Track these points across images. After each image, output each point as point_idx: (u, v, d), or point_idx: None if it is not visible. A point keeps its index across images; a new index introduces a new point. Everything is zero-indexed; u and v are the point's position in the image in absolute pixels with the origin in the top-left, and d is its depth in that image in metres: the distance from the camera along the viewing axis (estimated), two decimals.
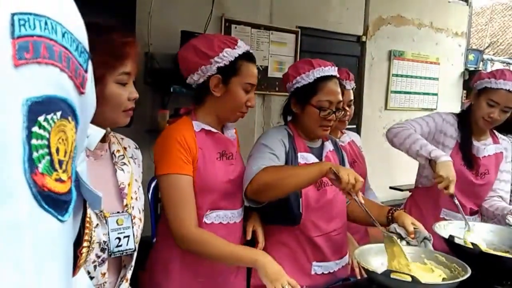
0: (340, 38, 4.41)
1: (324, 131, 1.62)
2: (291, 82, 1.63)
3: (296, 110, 1.64)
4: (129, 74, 1.09)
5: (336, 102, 1.60)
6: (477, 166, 2.02)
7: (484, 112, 1.95)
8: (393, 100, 5.07)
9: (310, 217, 1.56)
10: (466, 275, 1.27)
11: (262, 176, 1.43)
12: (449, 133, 2.06)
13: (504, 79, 1.91)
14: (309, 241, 1.58)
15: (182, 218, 1.35)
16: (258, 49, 3.65)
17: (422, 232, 1.51)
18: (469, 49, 5.85)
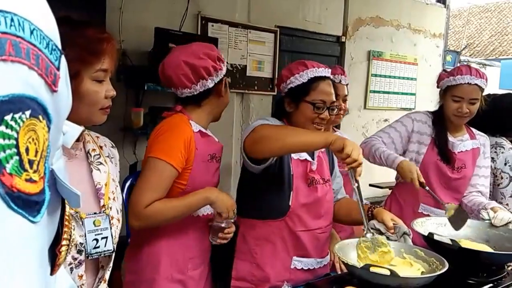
0: (320, 38, 4.42)
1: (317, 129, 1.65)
2: (285, 82, 1.66)
3: (290, 109, 1.67)
4: (105, 71, 1.07)
5: (330, 102, 1.63)
6: (453, 161, 2.07)
7: (453, 108, 2.04)
8: (372, 100, 5.11)
9: (297, 211, 1.59)
10: (443, 268, 1.30)
11: (264, 127, 1.49)
12: (423, 131, 2.12)
13: (461, 75, 2.01)
14: (292, 235, 1.61)
15: (142, 197, 1.36)
16: (236, 47, 3.62)
17: (401, 228, 1.53)
18: (446, 50, 5.94)
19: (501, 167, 2.37)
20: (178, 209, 1.41)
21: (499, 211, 1.75)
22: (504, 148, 2.41)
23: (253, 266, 1.63)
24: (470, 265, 1.49)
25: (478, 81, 2.00)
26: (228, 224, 1.49)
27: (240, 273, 1.64)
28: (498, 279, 1.48)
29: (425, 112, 2.19)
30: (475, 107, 2.03)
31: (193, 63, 1.45)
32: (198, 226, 1.53)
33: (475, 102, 2.02)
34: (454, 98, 2.04)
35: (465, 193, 2.13)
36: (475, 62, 11.74)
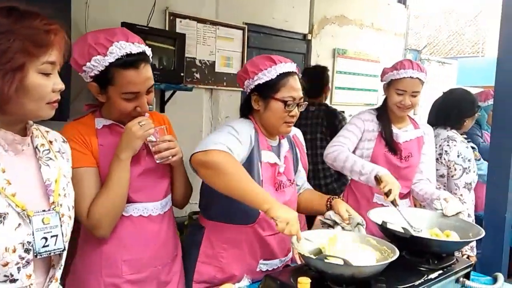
0: (287, 35, 4.50)
1: (287, 127, 1.61)
2: (252, 78, 1.59)
3: (258, 107, 1.61)
4: (53, 63, 1.02)
5: (299, 98, 1.58)
6: (399, 151, 2.19)
7: (396, 101, 2.16)
8: (337, 96, 5.25)
9: (267, 217, 1.51)
10: (394, 256, 1.36)
11: (220, 156, 1.35)
12: (371, 128, 2.23)
13: (404, 69, 2.13)
14: (259, 240, 1.59)
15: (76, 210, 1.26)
16: (204, 43, 3.65)
17: (355, 218, 1.59)
18: (406, 48, 6.17)
19: (454, 159, 2.51)
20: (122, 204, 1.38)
21: (451, 201, 1.85)
22: (456, 141, 2.55)
23: (217, 270, 1.59)
24: (421, 252, 1.58)
25: (419, 74, 2.13)
26: (156, 134, 1.40)
27: (203, 276, 1.60)
28: (448, 266, 1.58)
29: (369, 111, 2.30)
30: (416, 99, 2.16)
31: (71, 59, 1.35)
32: (130, 227, 1.43)
33: (416, 95, 2.15)
34: (397, 91, 2.15)
35: (415, 180, 2.25)
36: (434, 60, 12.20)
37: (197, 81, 3.59)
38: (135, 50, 1.34)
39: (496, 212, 2.33)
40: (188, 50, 3.46)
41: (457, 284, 1.60)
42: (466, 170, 2.50)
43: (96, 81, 1.35)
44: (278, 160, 1.62)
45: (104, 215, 1.34)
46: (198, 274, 1.61)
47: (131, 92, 1.35)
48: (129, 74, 1.33)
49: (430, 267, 1.55)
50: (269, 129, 1.63)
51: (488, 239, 2.38)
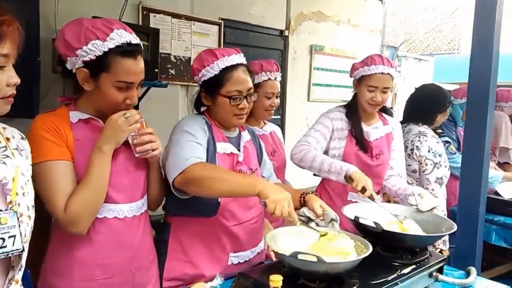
0: (264, 31, 4.49)
1: (239, 120, 1.61)
2: (197, 75, 1.60)
3: (207, 102, 1.62)
4: (6, 56, 0.97)
5: (246, 90, 1.58)
6: (370, 149, 2.17)
7: (367, 97, 2.11)
8: (315, 92, 5.27)
9: (228, 206, 1.55)
10: (368, 251, 1.35)
11: (196, 170, 1.38)
12: (340, 126, 2.19)
13: (375, 64, 2.08)
14: (226, 231, 1.57)
15: (52, 205, 1.26)
16: (179, 39, 3.60)
17: (329, 214, 1.57)
18: (383, 45, 6.23)
19: (425, 155, 2.53)
20: (99, 203, 1.33)
21: (425, 197, 1.86)
22: (427, 136, 2.57)
23: (186, 265, 1.57)
24: (394, 246, 1.58)
25: (390, 70, 2.09)
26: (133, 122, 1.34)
27: (173, 273, 1.57)
28: (421, 261, 1.58)
29: (337, 109, 2.25)
30: (387, 95, 2.13)
31: (56, 43, 1.29)
32: (104, 230, 1.37)
33: (387, 91, 2.11)
34: (369, 88, 2.10)
35: (386, 177, 2.24)
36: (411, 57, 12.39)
37: (172, 77, 3.54)
38: (134, 41, 1.33)
39: (469, 207, 2.35)
40: (163, 45, 3.41)
41: (431, 278, 1.60)
42: (437, 165, 2.51)
43: (88, 67, 1.30)
44: (235, 150, 1.62)
45: (83, 210, 1.28)
46: (167, 271, 1.58)
47: (125, 82, 1.32)
48: (127, 62, 1.31)
49: (404, 262, 1.55)
50: (222, 123, 1.64)
51: (462, 233, 2.41)
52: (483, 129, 2.27)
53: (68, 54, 1.30)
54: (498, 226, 2.78)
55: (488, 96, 2.25)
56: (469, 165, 2.35)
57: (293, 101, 4.98)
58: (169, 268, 1.58)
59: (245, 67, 1.61)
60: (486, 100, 2.25)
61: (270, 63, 2.18)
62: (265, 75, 2.14)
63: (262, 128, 2.23)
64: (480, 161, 2.30)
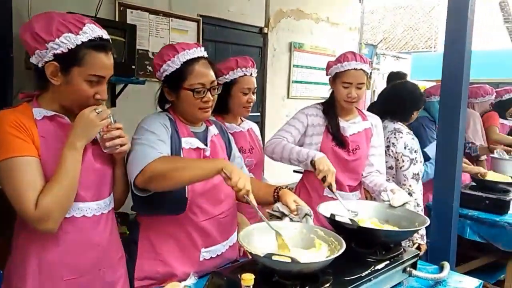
0: (243, 28, 4.47)
1: (204, 113, 1.61)
2: (159, 71, 1.60)
3: (171, 98, 1.61)
4: None
5: (209, 83, 1.58)
6: (347, 144, 2.19)
7: (343, 94, 2.15)
8: (294, 90, 5.28)
9: (196, 202, 1.55)
10: (342, 249, 1.35)
11: (156, 166, 1.38)
12: (316, 122, 2.22)
13: (347, 61, 2.13)
14: (196, 227, 1.56)
15: (22, 201, 1.23)
16: (157, 36, 3.55)
17: (303, 209, 1.58)
18: (361, 43, 6.28)
19: (402, 151, 2.56)
20: (69, 199, 1.30)
21: (397, 193, 1.88)
22: (403, 133, 2.60)
23: (158, 263, 1.55)
24: (369, 243, 1.60)
25: (363, 66, 2.13)
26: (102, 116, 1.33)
27: (144, 272, 1.56)
28: (395, 256, 1.60)
29: (314, 106, 2.29)
30: (362, 91, 2.17)
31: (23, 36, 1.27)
32: (71, 229, 1.35)
33: (361, 87, 2.15)
34: (343, 84, 2.14)
35: (365, 173, 2.27)
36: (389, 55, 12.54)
37: (150, 74, 3.50)
38: (105, 36, 1.34)
39: (443, 202, 2.39)
40: (140, 42, 3.36)
41: (405, 273, 1.62)
42: (413, 161, 2.55)
43: (58, 61, 1.28)
44: (201, 144, 1.61)
45: (55, 206, 1.25)
46: (139, 270, 1.57)
47: (97, 75, 1.31)
48: (100, 56, 1.31)
49: (378, 257, 1.56)
50: (188, 118, 1.63)
51: (436, 228, 2.46)
52: (456, 125, 2.31)
53: (38, 47, 1.27)
54: (472, 221, 2.84)
55: (461, 92, 2.29)
56: (442, 160, 2.40)
57: (273, 98, 4.98)
58: (140, 267, 1.57)
59: (206, 60, 1.61)
60: (459, 96, 2.30)
61: (245, 59, 2.17)
62: (241, 71, 2.13)
63: (239, 125, 2.23)
64: (454, 157, 2.34)
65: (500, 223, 2.71)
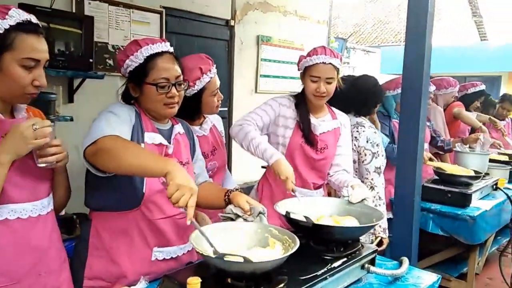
0: (208, 21, 4.38)
1: (170, 109, 1.57)
2: (123, 67, 1.56)
3: (136, 94, 1.57)
4: None
5: (174, 78, 1.54)
6: (316, 143, 2.16)
7: (312, 88, 2.11)
8: (262, 84, 5.24)
9: (153, 198, 1.50)
10: (295, 247, 1.32)
11: (107, 140, 1.32)
12: (288, 115, 2.17)
13: (316, 54, 2.09)
14: (150, 225, 1.52)
15: None
16: (117, 28, 3.43)
17: (256, 208, 1.55)
18: (330, 36, 6.28)
19: (364, 145, 2.56)
20: None
21: (356, 188, 1.86)
22: (365, 127, 2.61)
23: (108, 263, 1.51)
24: (326, 240, 1.57)
25: (332, 60, 2.08)
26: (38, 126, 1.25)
27: (94, 272, 1.51)
28: (352, 253, 1.58)
29: (287, 96, 2.25)
30: (331, 86, 2.12)
31: None
32: (6, 232, 1.27)
33: (331, 82, 2.10)
34: (312, 78, 2.10)
35: (332, 172, 2.25)
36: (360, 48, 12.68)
37: (110, 68, 3.38)
38: (34, 20, 1.29)
39: (405, 196, 2.41)
40: (99, 34, 3.24)
41: (363, 270, 1.60)
42: (375, 154, 2.55)
43: None
44: (164, 141, 1.58)
45: None
46: (89, 268, 1.51)
47: (32, 58, 1.25)
48: (31, 39, 1.26)
49: (335, 255, 1.54)
50: (153, 114, 1.59)
51: (398, 222, 2.47)
52: (417, 119, 2.32)
53: None
54: (435, 215, 2.85)
55: (421, 87, 2.30)
56: (404, 154, 2.41)
57: (241, 92, 4.92)
58: (90, 266, 1.52)
59: (171, 55, 1.57)
60: (419, 90, 2.30)
61: (205, 61, 2.06)
62: (207, 76, 2.04)
63: (201, 126, 2.14)
64: (414, 151, 2.35)
65: (462, 216, 2.73)
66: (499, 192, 3.19)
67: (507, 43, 11.59)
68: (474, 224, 2.69)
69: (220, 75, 2.15)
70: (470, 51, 11.62)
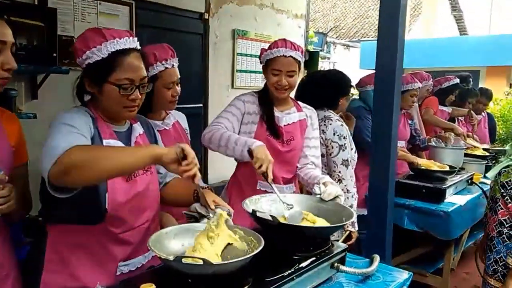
0: (182, 14, 4.27)
1: (130, 112, 1.42)
2: (81, 57, 1.38)
3: (92, 90, 1.40)
4: None
5: (139, 79, 1.39)
6: (281, 134, 2.14)
7: (273, 81, 2.09)
8: (239, 79, 5.16)
9: (116, 212, 1.38)
10: (259, 247, 1.28)
11: (73, 154, 1.16)
12: (252, 111, 2.15)
13: (277, 47, 2.06)
14: (115, 240, 1.41)
15: None
16: (84, 20, 3.29)
17: (222, 209, 1.49)
18: (308, 30, 6.23)
19: (331, 137, 2.56)
20: None
21: (329, 186, 1.83)
22: (332, 120, 2.61)
23: (66, 278, 1.38)
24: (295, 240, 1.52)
25: (293, 53, 2.05)
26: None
27: (50, 287, 1.39)
28: (321, 252, 1.53)
29: (251, 93, 2.22)
30: (293, 79, 2.10)
31: None
32: None
33: (293, 75, 2.08)
34: (273, 72, 2.08)
35: (299, 165, 2.22)
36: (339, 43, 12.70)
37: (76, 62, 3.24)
38: None
39: (378, 193, 2.39)
40: (64, 27, 3.11)
41: (332, 269, 1.56)
42: (342, 147, 2.54)
43: None
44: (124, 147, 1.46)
45: None
46: (44, 284, 1.39)
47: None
48: None
49: (304, 254, 1.49)
50: (110, 115, 1.44)
51: (372, 219, 2.45)
52: (390, 115, 2.30)
53: None
54: (409, 210, 2.85)
55: (394, 80, 2.28)
56: (377, 150, 2.39)
57: (216, 88, 4.82)
58: (46, 281, 1.39)
59: (139, 53, 1.42)
60: (392, 86, 2.28)
61: (164, 50, 1.96)
62: (161, 65, 1.93)
63: (163, 121, 2.05)
64: (388, 147, 2.33)
65: (436, 212, 2.73)
66: (475, 187, 3.20)
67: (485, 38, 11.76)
68: (449, 219, 2.69)
69: (194, 70, 2.09)
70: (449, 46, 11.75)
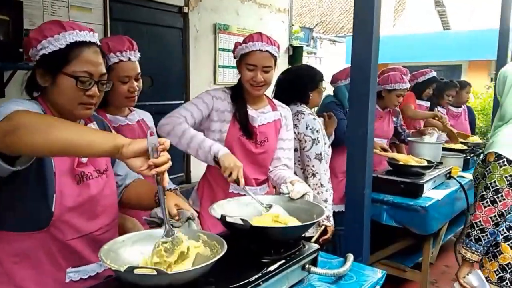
0: (159, 7, 4.17)
1: (86, 110, 1.33)
2: (35, 47, 1.29)
3: (45, 83, 1.30)
4: None
5: (98, 75, 1.32)
6: (255, 135, 2.05)
7: (248, 77, 1.99)
8: (221, 75, 5.08)
9: (64, 217, 1.29)
10: (221, 252, 1.21)
11: (25, 113, 1.10)
12: (223, 108, 2.03)
13: (252, 41, 1.96)
14: (62, 246, 1.32)
15: None
16: (54, 14, 3.18)
17: (185, 213, 1.42)
18: (292, 25, 6.17)
19: (304, 131, 2.51)
20: None
21: (296, 184, 1.77)
22: (304, 114, 2.56)
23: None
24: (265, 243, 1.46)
25: (269, 48, 1.97)
26: None
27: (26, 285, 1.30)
28: (292, 254, 1.47)
29: (222, 89, 2.11)
30: (269, 75, 2.00)
31: None
32: None
33: (268, 70, 1.99)
34: (248, 67, 1.98)
35: (271, 167, 2.14)
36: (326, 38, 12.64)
37: None
38: None
39: (355, 189, 2.35)
40: (32, 21, 3.00)
41: (304, 271, 1.51)
42: (315, 141, 2.50)
43: None
44: None
45: None
46: None
47: None
48: None
49: (274, 257, 1.43)
50: (62, 112, 1.34)
51: (350, 216, 2.41)
52: (366, 110, 2.25)
53: None
54: (388, 206, 2.83)
55: (370, 75, 2.22)
56: (353, 147, 2.34)
57: (198, 84, 4.74)
58: None
59: (99, 49, 1.35)
60: (368, 79, 2.23)
61: (120, 41, 1.85)
62: (115, 56, 1.82)
63: (126, 117, 1.96)
64: (364, 143, 2.28)
65: (414, 207, 2.71)
66: (453, 181, 3.19)
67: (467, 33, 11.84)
68: (426, 214, 2.68)
69: (174, 65, 2.00)
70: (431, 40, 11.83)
